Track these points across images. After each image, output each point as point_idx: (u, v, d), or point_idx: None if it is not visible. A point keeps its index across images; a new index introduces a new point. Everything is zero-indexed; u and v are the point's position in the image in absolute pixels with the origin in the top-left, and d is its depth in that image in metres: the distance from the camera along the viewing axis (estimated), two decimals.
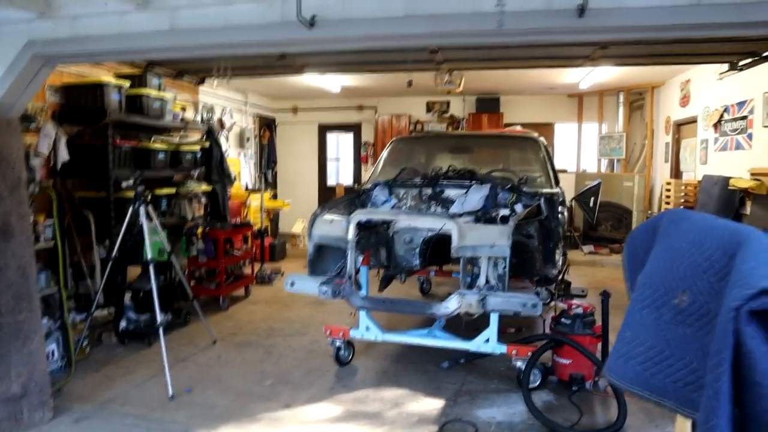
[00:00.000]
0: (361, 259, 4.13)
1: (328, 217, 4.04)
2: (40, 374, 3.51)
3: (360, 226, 3.98)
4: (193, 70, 6.05)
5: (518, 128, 7.82)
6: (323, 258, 4.07)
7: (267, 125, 11.14)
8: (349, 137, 11.68)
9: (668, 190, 7.97)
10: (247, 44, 3.07)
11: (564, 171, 10.01)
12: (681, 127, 8.64)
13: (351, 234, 3.78)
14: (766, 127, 5.95)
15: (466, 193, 4.48)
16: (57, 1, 3.23)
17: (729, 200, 6.05)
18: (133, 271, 5.39)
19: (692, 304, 1.46)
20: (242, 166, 9.96)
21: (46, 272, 4.47)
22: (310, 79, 8.03)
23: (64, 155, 4.63)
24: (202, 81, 5.72)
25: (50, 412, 3.51)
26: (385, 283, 4.69)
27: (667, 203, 7.85)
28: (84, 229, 5.35)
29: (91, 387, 4.00)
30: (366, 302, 3.92)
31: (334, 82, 8.71)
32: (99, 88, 5.31)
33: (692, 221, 1.64)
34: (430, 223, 3.90)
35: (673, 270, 1.54)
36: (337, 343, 4.40)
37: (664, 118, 9.16)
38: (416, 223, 3.95)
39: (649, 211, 9.23)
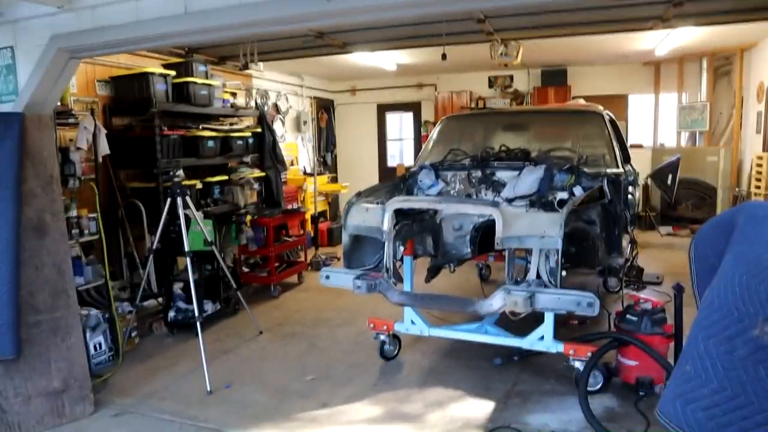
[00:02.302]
0: (402, 249, 3.85)
1: (364, 205, 3.79)
2: (80, 369, 3.51)
3: (401, 213, 3.71)
4: (233, 55, 5.91)
5: (581, 101, 7.20)
6: (361, 248, 3.83)
7: (325, 107, 11.00)
8: (409, 116, 11.35)
9: (759, 165, 7.11)
10: (264, 22, 2.83)
11: (639, 146, 9.25)
12: None
13: (387, 224, 3.51)
14: None
15: (519, 175, 4.08)
16: None
17: None
18: (184, 261, 5.39)
19: None
20: (300, 149, 9.88)
21: (94, 264, 4.52)
22: (364, 58, 7.74)
23: (104, 148, 4.63)
24: (245, 66, 5.59)
25: (91, 406, 3.52)
26: (432, 273, 4.41)
27: (758, 180, 7.02)
28: (138, 219, 5.41)
29: (134, 379, 4.01)
30: (403, 298, 3.65)
31: (388, 59, 8.37)
32: (144, 78, 5.31)
33: None
34: (471, 210, 3.56)
35: (753, 290, 1.16)
36: (382, 337, 4.17)
37: (757, 83, 8.17)
38: (457, 210, 3.62)
39: (737, 189, 8.34)
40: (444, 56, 5.05)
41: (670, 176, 7.30)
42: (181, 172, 4.40)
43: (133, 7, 2.99)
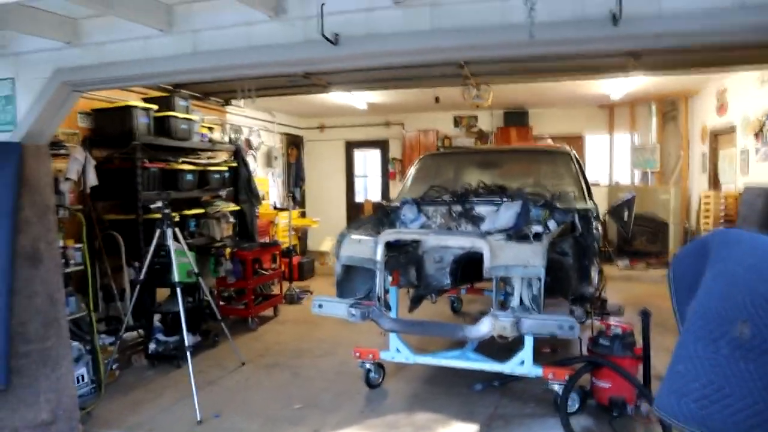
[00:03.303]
0: (390, 279, 4.03)
1: (355, 237, 3.96)
2: (69, 400, 3.50)
3: (388, 245, 3.89)
4: (218, 91, 6.09)
5: (548, 141, 7.64)
6: (351, 278, 3.98)
7: (294, 143, 11.19)
8: (376, 153, 11.64)
9: (707, 203, 7.66)
10: (271, 64, 3.04)
11: (596, 184, 9.77)
12: (718, 137, 8.34)
13: (380, 255, 3.69)
14: None
15: (497, 210, 4.35)
16: (84, 29, 3.27)
17: None
18: (162, 293, 5.40)
19: (754, 338, 1.32)
20: (270, 185, 9.99)
21: (75, 296, 4.50)
22: (336, 97, 8.01)
23: (92, 179, 4.68)
24: (228, 102, 5.74)
25: None
26: (415, 303, 4.57)
27: (707, 216, 7.55)
28: (114, 251, 5.40)
29: (119, 411, 3.98)
30: (396, 325, 3.81)
31: (360, 98, 8.68)
32: (127, 111, 5.38)
33: (747, 244, 1.50)
34: (460, 242, 3.78)
35: (731, 298, 1.40)
36: (367, 366, 4.29)
37: (700, 127, 8.86)
38: (446, 242, 3.84)
39: (686, 224, 8.91)
40: (437, 99, 5.34)
41: (626, 212, 7.74)
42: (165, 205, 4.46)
43: (142, 45, 3.13)
